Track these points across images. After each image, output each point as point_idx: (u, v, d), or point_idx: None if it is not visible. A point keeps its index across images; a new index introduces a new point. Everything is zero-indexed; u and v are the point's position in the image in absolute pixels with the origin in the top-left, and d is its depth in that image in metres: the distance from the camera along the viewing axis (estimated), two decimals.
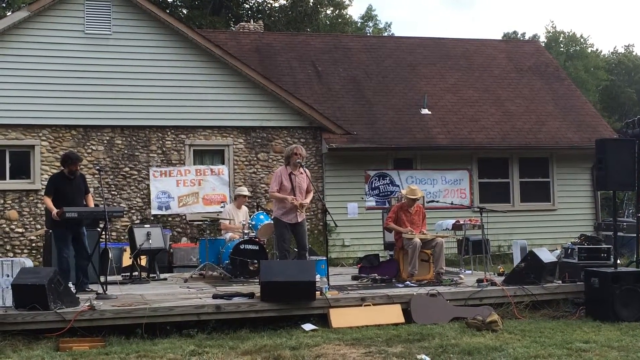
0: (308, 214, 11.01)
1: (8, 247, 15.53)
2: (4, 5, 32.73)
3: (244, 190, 13.87)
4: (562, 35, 50.53)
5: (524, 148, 18.73)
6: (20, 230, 15.68)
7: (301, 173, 10.38)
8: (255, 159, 17.25)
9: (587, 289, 9.79)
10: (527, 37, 48.95)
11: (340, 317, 8.91)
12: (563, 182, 19.30)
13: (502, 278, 10.65)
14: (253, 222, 12.65)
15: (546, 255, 10.50)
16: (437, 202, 15.43)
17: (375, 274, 11.50)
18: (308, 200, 10.45)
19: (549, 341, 7.84)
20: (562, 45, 49.78)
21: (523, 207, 18.93)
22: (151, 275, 12.65)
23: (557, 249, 13.14)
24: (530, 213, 18.87)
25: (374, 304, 9.23)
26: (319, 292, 9.14)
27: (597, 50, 51.85)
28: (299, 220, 10.27)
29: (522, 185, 19.09)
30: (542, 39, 48.94)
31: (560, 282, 10.43)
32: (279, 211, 10.31)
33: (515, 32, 51.33)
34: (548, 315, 9.67)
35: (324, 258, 10.90)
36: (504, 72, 21.50)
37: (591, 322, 9.15)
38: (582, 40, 50.41)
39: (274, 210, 10.54)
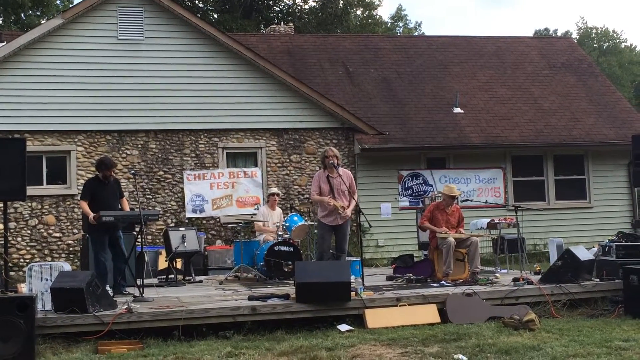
0: None
1: (46, 252, 15.75)
2: (39, 13, 33.19)
3: (273, 188, 13.96)
4: (594, 31, 49.93)
5: (558, 145, 18.54)
6: (57, 234, 15.89)
7: (339, 175, 10.28)
8: (288, 160, 17.29)
9: (626, 287, 9.64)
10: (559, 34, 48.47)
11: (375, 318, 8.88)
12: (599, 179, 19.08)
13: (539, 277, 10.56)
14: (287, 224, 12.65)
15: (583, 253, 10.38)
16: (472, 201, 15.35)
17: (410, 274, 11.47)
18: (351, 206, 10.29)
19: (587, 340, 7.73)
20: (595, 41, 49.19)
21: (559, 205, 18.74)
22: (187, 277, 12.76)
23: (594, 247, 12.98)
24: (566, 211, 18.68)
25: (409, 304, 9.19)
26: (354, 292, 9.13)
27: (631, 45, 51.20)
28: (340, 222, 10.25)
29: (558, 183, 18.90)
30: (575, 35, 48.41)
31: (598, 280, 10.30)
32: (321, 213, 10.36)
33: (546, 29, 50.91)
34: (586, 314, 9.55)
35: (359, 259, 10.88)
36: (537, 69, 21.31)
37: (630, 320, 9.02)
38: (615, 35, 49.78)
39: (318, 212, 10.59)
